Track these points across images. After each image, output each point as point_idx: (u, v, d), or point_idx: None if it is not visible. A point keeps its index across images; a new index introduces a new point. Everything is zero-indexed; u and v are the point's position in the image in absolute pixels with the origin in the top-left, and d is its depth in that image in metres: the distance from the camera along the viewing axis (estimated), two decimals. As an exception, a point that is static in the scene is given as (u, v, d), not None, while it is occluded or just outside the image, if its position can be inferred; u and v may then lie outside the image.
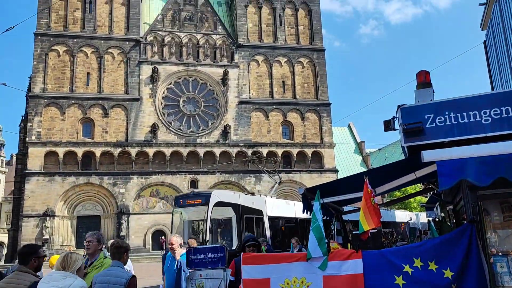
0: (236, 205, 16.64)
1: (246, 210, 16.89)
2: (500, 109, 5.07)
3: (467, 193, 4.91)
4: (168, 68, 43.94)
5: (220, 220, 17.20)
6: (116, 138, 41.45)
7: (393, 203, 17.10)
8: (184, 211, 17.42)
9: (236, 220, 16.46)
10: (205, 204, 16.07)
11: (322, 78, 47.31)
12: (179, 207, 17.34)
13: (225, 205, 16.56)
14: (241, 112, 44.71)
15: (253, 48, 46.29)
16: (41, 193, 38.87)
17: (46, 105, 40.47)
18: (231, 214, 16.61)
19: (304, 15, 48.60)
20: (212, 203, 16.01)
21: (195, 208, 16.72)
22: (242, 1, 47.12)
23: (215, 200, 16.19)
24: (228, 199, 16.84)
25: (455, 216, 8.34)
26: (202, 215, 16.36)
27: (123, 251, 5.20)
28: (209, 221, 15.85)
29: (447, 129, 5.28)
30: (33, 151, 39.52)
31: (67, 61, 41.86)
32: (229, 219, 16.79)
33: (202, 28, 45.71)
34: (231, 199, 16.98)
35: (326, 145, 46.12)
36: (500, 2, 33.27)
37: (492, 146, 4.51)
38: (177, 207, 17.45)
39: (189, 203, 16.91)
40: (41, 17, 41.55)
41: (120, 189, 40.62)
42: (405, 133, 5.44)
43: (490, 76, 38.50)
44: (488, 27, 39.10)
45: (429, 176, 6.05)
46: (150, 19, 45.87)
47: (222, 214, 16.76)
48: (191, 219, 17.98)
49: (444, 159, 4.52)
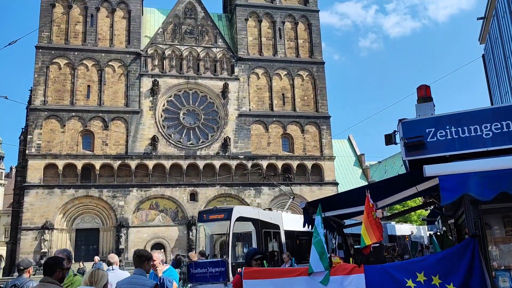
0: (255, 220, 17.69)
1: (265, 224, 17.92)
2: (501, 123, 5.08)
3: (469, 207, 4.90)
4: (169, 81, 44.14)
5: (241, 234, 18.23)
6: (116, 151, 41.45)
7: (394, 217, 17.04)
8: (207, 226, 18.68)
9: (255, 233, 17.48)
10: (227, 219, 17.18)
11: (321, 91, 47.50)
12: (202, 222, 18.57)
13: (246, 220, 17.54)
14: (241, 124, 44.80)
15: (253, 61, 46.56)
16: (40, 205, 38.74)
17: (46, 117, 40.55)
18: (251, 228, 17.61)
19: (303, 28, 48.98)
20: (234, 218, 17.09)
21: (218, 222, 17.89)
22: (242, 15, 47.52)
23: (236, 215, 17.27)
24: (248, 214, 17.95)
25: (457, 230, 8.30)
26: (224, 229, 17.44)
27: (144, 259, 5.50)
28: (232, 235, 16.87)
29: (448, 143, 5.29)
30: (32, 164, 39.49)
31: (68, 74, 42.06)
32: (249, 233, 17.82)
33: (202, 42, 46.03)
34: (251, 214, 18.11)
35: (326, 157, 46.12)
36: (498, 16, 33.59)
37: (494, 160, 4.52)
38: (200, 222, 18.70)
39: (212, 218, 18.03)
40: (42, 30, 41.86)
41: (120, 202, 40.50)
42: (406, 147, 5.45)
43: (489, 89, 38.69)
44: (486, 40, 39.41)
45: (431, 190, 6.04)
46: (150, 32, 46.22)
47: (243, 228, 17.76)
48: (213, 233, 19.17)
49: (446, 173, 4.53)
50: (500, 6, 33.43)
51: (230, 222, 16.95)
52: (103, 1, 44.14)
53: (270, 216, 18.93)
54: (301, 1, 49.71)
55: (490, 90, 38.90)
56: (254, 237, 17.44)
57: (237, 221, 17.15)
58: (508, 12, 31.04)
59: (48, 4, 42.75)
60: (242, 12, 47.59)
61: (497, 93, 37.29)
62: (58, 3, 43.19)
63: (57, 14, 42.82)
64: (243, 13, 47.59)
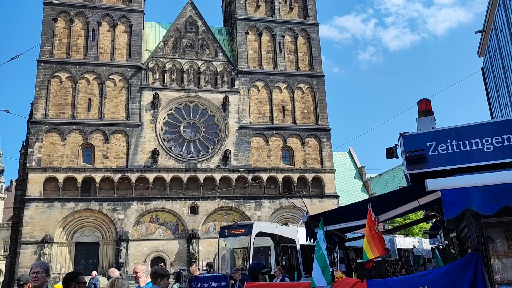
0: (273, 235, 18.67)
1: (282, 239, 18.80)
2: (501, 137, 5.11)
3: (471, 221, 4.90)
4: (169, 94, 44.32)
5: (260, 248, 19.29)
6: (116, 164, 41.44)
7: (396, 230, 17.02)
8: (228, 241, 19.77)
9: (274, 248, 18.48)
10: (248, 234, 18.42)
11: (321, 104, 47.65)
12: (223, 236, 19.74)
13: (265, 235, 18.69)
14: (241, 137, 44.86)
15: (253, 75, 46.79)
16: (40, 219, 38.60)
17: (47, 131, 40.63)
18: (270, 242, 18.61)
19: (303, 42, 49.33)
20: (254, 233, 18.23)
21: (239, 237, 19.12)
22: (242, 28, 47.91)
23: (256, 231, 18.41)
24: (267, 230, 19.00)
25: (459, 243, 8.27)
26: (245, 244, 18.58)
27: (157, 276, 6.11)
28: (252, 249, 17.92)
29: (449, 156, 5.31)
30: (33, 177, 39.45)
31: (69, 88, 42.26)
32: (267, 247, 18.90)
33: (203, 55, 46.33)
34: (270, 229, 19.08)
35: (327, 170, 46.06)
36: (496, 30, 33.83)
37: (496, 175, 4.53)
38: (222, 236, 19.85)
39: (233, 233, 19.28)
40: (44, 44, 42.17)
41: (120, 215, 40.36)
42: (408, 161, 5.47)
43: (489, 102, 38.77)
44: (485, 53, 39.62)
45: (432, 203, 6.05)
46: (151, 46, 46.55)
47: (262, 243, 18.87)
48: (234, 247, 20.32)
49: (448, 187, 4.54)
50: (498, 20, 33.71)
51: (250, 237, 17.98)
52: (105, 16, 44.55)
53: (287, 231, 19.73)
54: (300, 15, 50.15)
55: (490, 103, 39.00)
56: (273, 251, 18.36)
57: (257, 236, 18.18)
58: (507, 25, 31.29)
59: (50, 18, 43.14)
60: (242, 26, 48.00)
61: (497, 106, 37.39)
62: (60, 18, 43.59)
63: (59, 28, 43.19)
64: (243, 27, 47.99)
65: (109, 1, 45.04)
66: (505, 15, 31.47)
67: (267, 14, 49.20)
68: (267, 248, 18.94)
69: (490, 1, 34.21)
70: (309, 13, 50.03)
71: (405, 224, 11.09)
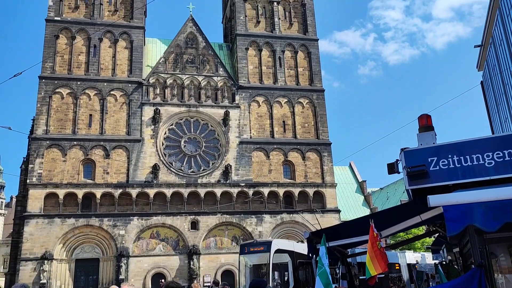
0: (291, 252, 19.57)
1: (299, 255, 19.42)
2: (502, 152, 5.12)
3: (474, 236, 4.87)
4: (170, 109, 44.47)
5: (278, 264, 20.20)
6: (117, 179, 41.38)
7: (398, 246, 16.92)
8: (248, 257, 20.97)
9: (291, 264, 19.35)
10: (267, 251, 19.48)
11: (322, 118, 47.76)
12: (243, 254, 20.91)
13: (283, 252, 19.58)
14: (242, 152, 44.86)
15: (254, 89, 47.02)
16: (40, 235, 38.41)
17: (48, 146, 40.68)
18: (287, 259, 19.50)
19: (303, 57, 49.68)
20: (273, 250, 19.29)
21: (259, 254, 20.25)
22: (242, 44, 48.30)
23: (275, 248, 19.49)
24: (285, 247, 20.02)
25: (462, 259, 8.20)
26: (264, 260, 19.65)
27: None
28: (271, 265, 18.97)
29: (451, 172, 5.31)
30: (33, 193, 39.37)
31: (70, 103, 42.44)
32: (285, 263, 19.77)
33: (203, 70, 46.61)
34: (287, 246, 20.14)
35: (328, 184, 45.94)
36: (495, 44, 34.06)
37: (498, 190, 4.53)
38: (242, 254, 21.03)
39: (253, 250, 20.44)
40: (46, 61, 42.49)
41: (120, 231, 40.15)
42: (409, 176, 5.48)
43: (489, 116, 38.85)
44: (484, 68, 39.82)
45: (435, 219, 6.03)
46: (152, 61, 46.88)
47: (280, 259, 19.83)
48: (254, 264, 21.33)
49: (450, 203, 4.53)
50: (496, 35, 33.98)
51: (269, 254, 19.07)
52: (106, 32, 44.97)
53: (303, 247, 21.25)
54: (300, 30, 50.60)
55: (490, 117, 39.09)
56: (290, 267, 19.22)
57: (276, 253, 19.25)
58: (505, 40, 31.52)
59: (52, 35, 43.54)
60: (243, 42, 48.39)
61: (497, 119, 37.46)
62: (62, 35, 43.99)
63: (60, 45, 43.55)
64: (244, 42, 48.39)
65: (111, 18, 45.57)
66: (503, 30, 31.73)
67: (267, 29, 49.65)
68: (284, 264, 19.77)
69: (488, 16, 34.54)
70: (309, 28, 50.48)
71: (407, 239, 11.04)
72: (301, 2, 51.26)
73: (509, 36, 30.57)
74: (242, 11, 49.22)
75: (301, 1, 51.26)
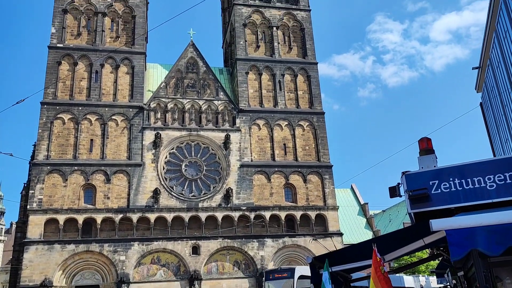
0: None
1: None
2: (504, 174, 5.12)
3: (478, 260, 4.83)
4: (171, 134, 44.61)
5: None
6: (117, 204, 41.19)
7: (402, 269, 16.74)
8: (272, 284, 22.00)
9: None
10: (291, 277, 20.68)
11: (322, 141, 47.83)
12: (268, 280, 22.23)
13: (306, 278, 20.04)
14: (243, 175, 44.77)
15: (254, 113, 47.26)
16: (40, 262, 37.98)
17: (48, 172, 40.64)
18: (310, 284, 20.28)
19: (303, 80, 50.10)
20: (296, 276, 20.51)
21: (283, 280, 21.28)
22: (242, 68, 48.80)
23: (298, 274, 20.68)
24: (307, 273, 20.12)
25: (467, 282, 8.10)
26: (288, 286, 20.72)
27: None
28: None
29: (452, 195, 5.30)
30: (33, 219, 39.12)
31: (71, 129, 42.61)
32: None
33: (204, 95, 46.97)
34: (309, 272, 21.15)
35: (330, 207, 45.65)
36: (493, 66, 34.38)
37: (500, 214, 4.50)
38: (267, 280, 22.39)
39: (277, 276, 21.69)
40: (48, 87, 42.87)
41: (121, 257, 39.72)
42: (411, 200, 5.47)
43: (489, 137, 38.91)
44: (483, 89, 40.09)
45: (438, 242, 5.98)
46: (153, 86, 47.28)
47: (303, 285, 20.50)
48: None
49: (453, 228, 4.50)
50: (494, 56, 34.34)
51: (293, 280, 20.29)
52: (108, 58, 45.52)
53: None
54: (299, 54, 51.19)
55: (491, 138, 39.14)
56: None
57: (299, 279, 20.23)
58: (503, 62, 31.84)
59: (55, 62, 44.05)
60: (243, 66, 48.91)
61: (498, 141, 37.50)
62: (64, 61, 44.52)
63: (63, 71, 44.03)
64: (244, 66, 48.90)
65: (112, 44, 46.20)
66: (501, 52, 32.09)
67: (266, 54, 50.24)
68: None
69: (485, 38, 34.98)
70: (308, 52, 51.08)
71: (411, 263, 10.92)
72: (300, 26, 52.03)
73: (507, 58, 30.90)
74: (242, 36, 49.92)
75: (300, 25, 52.03)
